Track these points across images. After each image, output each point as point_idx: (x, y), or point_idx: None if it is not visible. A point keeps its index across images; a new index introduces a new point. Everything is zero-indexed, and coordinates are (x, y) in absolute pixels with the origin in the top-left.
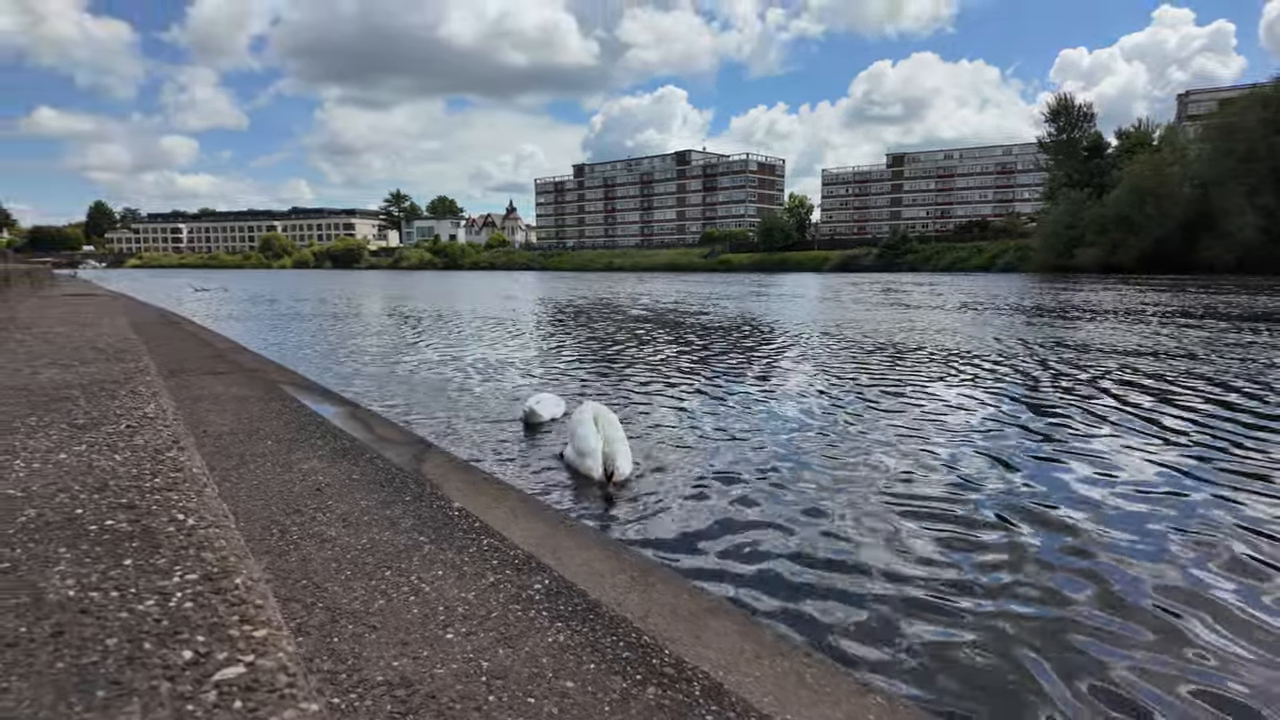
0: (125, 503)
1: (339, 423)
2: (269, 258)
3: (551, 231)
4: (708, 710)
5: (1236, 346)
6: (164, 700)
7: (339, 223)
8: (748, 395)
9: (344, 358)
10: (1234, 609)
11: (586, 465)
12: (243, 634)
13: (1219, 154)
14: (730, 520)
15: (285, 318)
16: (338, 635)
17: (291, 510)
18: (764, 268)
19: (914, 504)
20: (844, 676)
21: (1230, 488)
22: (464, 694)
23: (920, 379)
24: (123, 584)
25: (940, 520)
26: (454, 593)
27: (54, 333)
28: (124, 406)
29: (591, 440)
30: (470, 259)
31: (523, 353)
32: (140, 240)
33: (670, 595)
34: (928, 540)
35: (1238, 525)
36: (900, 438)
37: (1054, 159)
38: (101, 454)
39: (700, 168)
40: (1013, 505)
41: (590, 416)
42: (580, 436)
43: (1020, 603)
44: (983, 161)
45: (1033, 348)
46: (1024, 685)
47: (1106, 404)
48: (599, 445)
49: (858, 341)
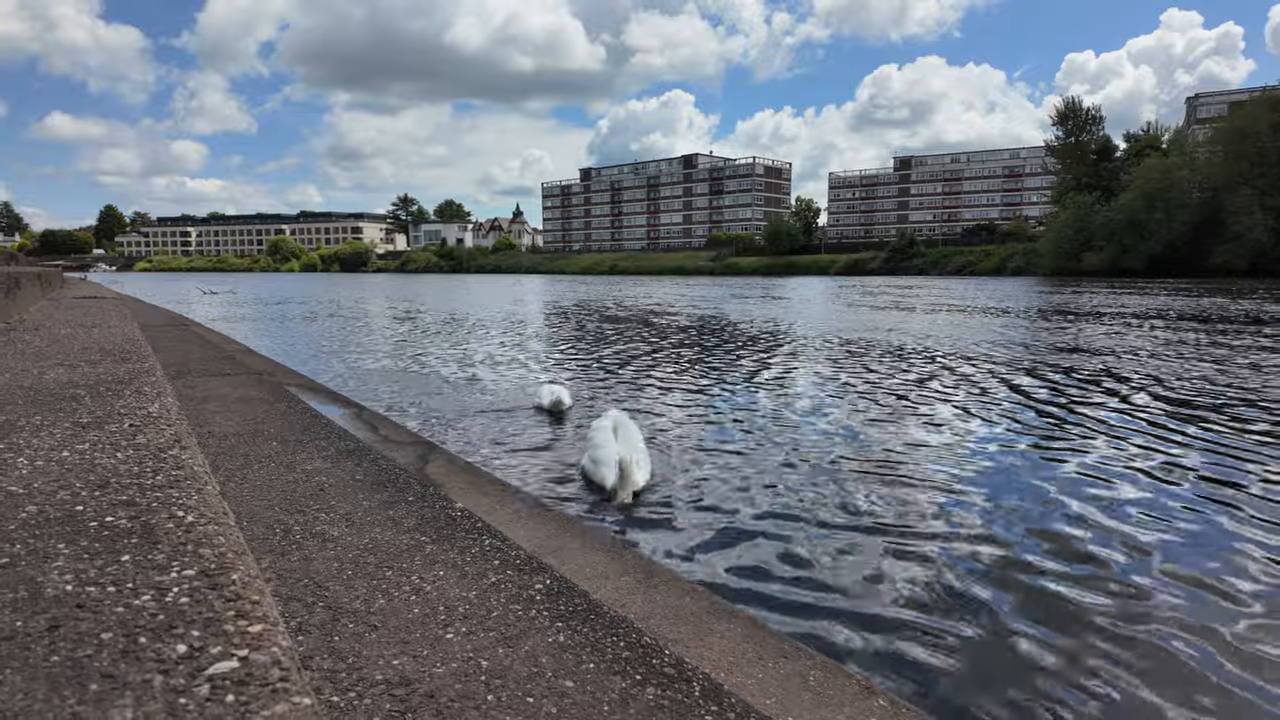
0: (125, 500)
1: (344, 424)
2: (277, 261)
3: (558, 235)
4: (707, 711)
5: (1237, 352)
6: (157, 693)
7: (347, 226)
8: (758, 401)
9: (352, 360)
10: (1245, 618)
11: (602, 474)
12: (238, 629)
13: (1229, 157)
14: (738, 525)
15: (293, 320)
16: (338, 634)
17: (294, 510)
18: (771, 271)
19: (923, 511)
20: (848, 679)
21: (1218, 484)
22: (463, 693)
23: (934, 387)
24: (120, 579)
25: (950, 527)
26: (455, 592)
27: (61, 334)
28: (128, 406)
29: (609, 449)
30: (477, 262)
31: (531, 355)
32: (150, 244)
33: (674, 597)
34: (936, 547)
35: (1233, 527)
36: (911, 446)
37: (1062, 163)
38: (104, 452)
39: (707, 171)
40: (1020, 513)
41: (610, 425)
42: (598, 445)
43: (1024, 608)
44: (990, 165)
45: (1062, 356)
46: (1027, 689)
47: (1117, 413)
48: (615, 454)
49: (868, 348)
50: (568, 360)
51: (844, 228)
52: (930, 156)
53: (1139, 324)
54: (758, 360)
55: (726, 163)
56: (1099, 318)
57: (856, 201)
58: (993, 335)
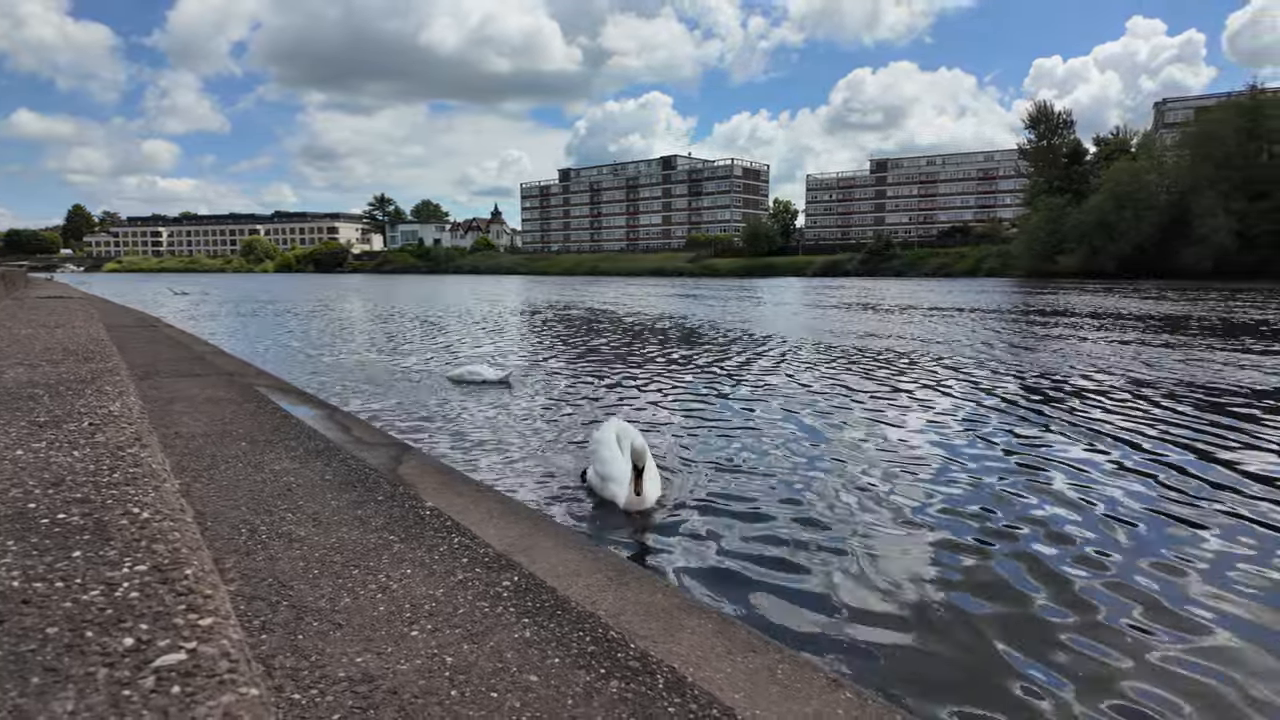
0: (80, 497)
1: (316, 424)
2: (251, 261)
3: (537, 236)
4: (670, 703)
5: (1181, 351)
6: (100, 685)
7: (322, 226)
8: (741, 401)
9: (326, 360)
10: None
11: (610, 490)
12: (188, 622)
13: (1196, 160)
14: (720, 525)
15: (265, 320)
16: (302, 632)
17: (261, 510)
18: (749, 273)
19: (896, 512)
20: (815, 673)
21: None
22: (426, 689)
23: (913, 388)
24: (69, 575)
25: (920, 529)
26: (421, 590)
27: (23, 334)
28: (88, 405)
29: (616, 465)
30: (455, 263)
31: (509, 356)
32: (119, 244)
33: (646, 594)
34: (910, 547)
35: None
36: (888, 448)
37: (1034, 165)
38: (61, 450)
39: (686, 173)
40: (990, 521)
41: (613, 435)
42: (603, 460)
43: (987, 605)
44: (964, 168)
45: (1044, 358)
46: (990, 681)
47: (1088, 417)
48: (626, 470)
49: (847, 349)
50: (551, 359)
51: (821, 229)
52: (906, 159)
53: (1092, 325)
54: (739, 362)
55: (705, 164)
56: (1051, 317)
57: (834, 203)
58: (976, 341)
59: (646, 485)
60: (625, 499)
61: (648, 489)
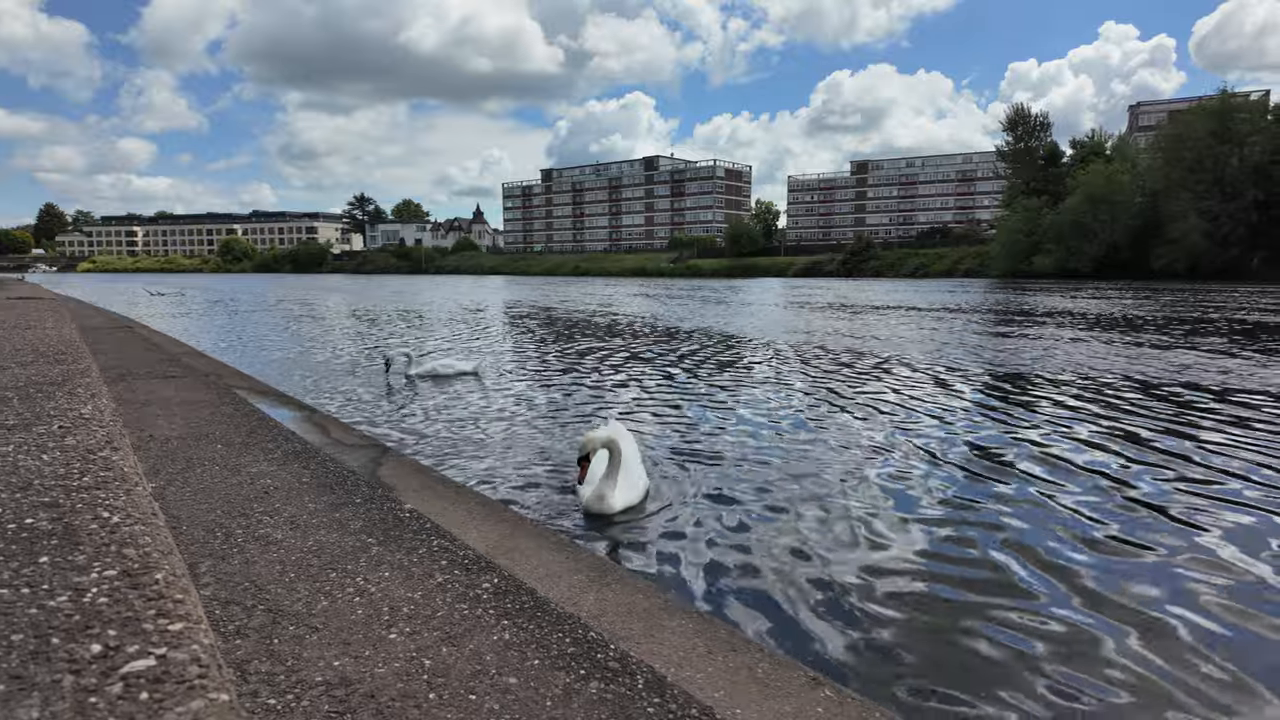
0: (48, 501)
1: (294, 426)
2: (228, 261)
3: (519, 236)
4: (649, 703)
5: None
6: (66, 693)
7: (301, 226)
8: (722, 400)
9: (304, 361)
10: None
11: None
12: (157, 628)
13: (1169, 163)
14: (703, 528)
15: (242, 321)
16: (278, 637)
17: (237, 513)
18: (732, 273)
19: (876, 511)
20: (795, 671)
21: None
22: (404, 692)
23: (889, 389)
24: (35, 581)
25: (899, 528)
26: (400, 593)
27: None
28: (59, 408)
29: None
30: (436, 263)
31: (490, 359)
32: (94, 243)
33: (627, 595)
34: (889, 546)
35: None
36: (868, 447)
37: (1012, 167)
38: (29, 454)
39: (668, 174)
40: (968, 519)
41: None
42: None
43: (966, 604)
44: (944, 169)
45: (1027, 360)
46: (968, 679)
47: (1068, 411)
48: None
49: (826, 349)
50: (533, 361)
51: (803, 230)
52: (886, 161)
53: (1057, 324)
54: (721, 362)
55: (688, 165)
56: (1026, 319)
57: (815, 204)
58: (952, 340)
59: (616, 492)
60: (585, 498)
61: (616, 496)
